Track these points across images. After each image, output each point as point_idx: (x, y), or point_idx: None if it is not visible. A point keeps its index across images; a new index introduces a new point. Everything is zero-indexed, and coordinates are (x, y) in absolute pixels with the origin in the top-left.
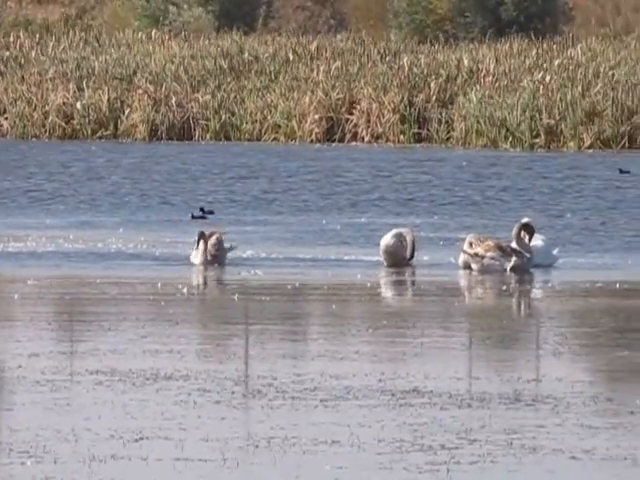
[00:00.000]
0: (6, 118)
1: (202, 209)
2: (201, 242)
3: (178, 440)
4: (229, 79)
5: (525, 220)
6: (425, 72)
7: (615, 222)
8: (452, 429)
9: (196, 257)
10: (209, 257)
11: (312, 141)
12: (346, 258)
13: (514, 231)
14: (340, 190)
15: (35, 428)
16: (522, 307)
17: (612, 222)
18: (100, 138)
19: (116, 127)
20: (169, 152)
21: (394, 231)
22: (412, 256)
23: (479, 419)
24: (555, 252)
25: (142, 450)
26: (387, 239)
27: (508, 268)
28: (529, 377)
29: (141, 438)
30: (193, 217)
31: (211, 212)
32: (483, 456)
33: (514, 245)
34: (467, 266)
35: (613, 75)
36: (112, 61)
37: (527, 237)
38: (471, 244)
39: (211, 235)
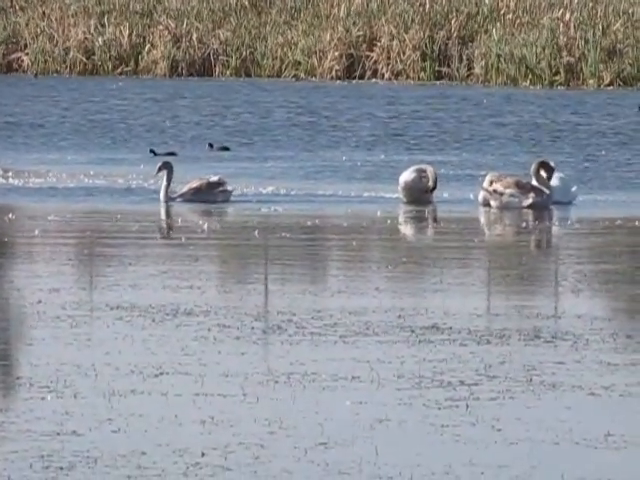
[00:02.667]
0: (27, 54)
1: (210, 144)
2: (164, 175)
3: (198, 375)
4: (250, 15)
5: (543, 158)
6: (446, 9)
7: (634, 160)
8: (471, 365)
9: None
10: (182, 199)
11: (332, 78)
12: (366, 195)
13: (532, 168)
14: (360, 127)
15: (55, 363)
16: (541, 244)
17: (631, 159)
18: (121, 74)
19: (137, 63)
20: (189, 88)
21: (414, 167)
22: (435, 187)
23: (498, 355)
24: (574, 189)
25: (162, 385)
26: (406, 175)
27: (527, 205)
28: (548, 314)
29: (161, 373)
30: (155, 154)
31: (226, 148)
32: (502, 392)
33: (534, 182)
34: (486, 203)
35: (633, 13)
36: None
37: (546, 175)
38: (491, 182)
39: (198, 181)
